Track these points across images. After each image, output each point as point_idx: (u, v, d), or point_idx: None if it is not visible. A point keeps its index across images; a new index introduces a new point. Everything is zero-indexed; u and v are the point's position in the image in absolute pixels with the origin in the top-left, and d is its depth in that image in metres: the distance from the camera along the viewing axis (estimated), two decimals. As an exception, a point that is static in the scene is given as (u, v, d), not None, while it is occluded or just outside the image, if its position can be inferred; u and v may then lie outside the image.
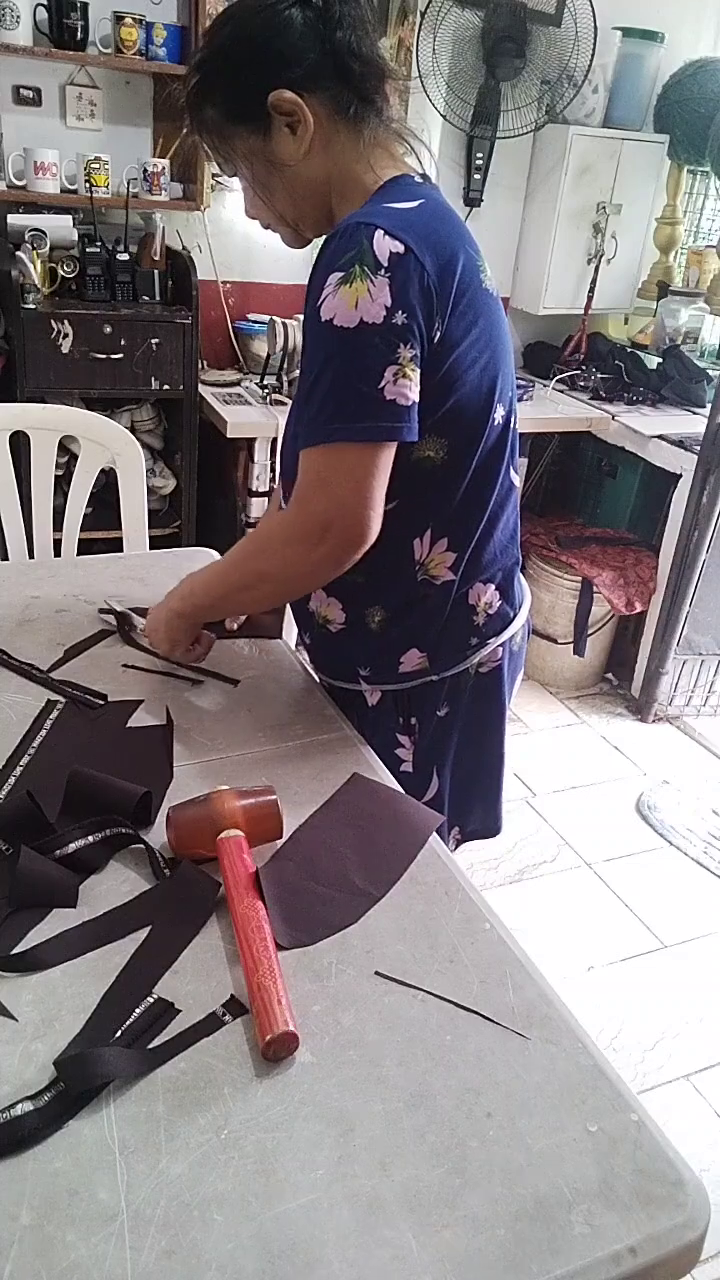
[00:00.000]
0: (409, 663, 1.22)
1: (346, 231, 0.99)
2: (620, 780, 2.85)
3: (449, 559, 1.17)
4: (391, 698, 1.25)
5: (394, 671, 1.23)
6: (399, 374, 0.99)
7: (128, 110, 2.77)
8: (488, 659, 1.25)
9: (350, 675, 1.26)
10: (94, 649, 1.31)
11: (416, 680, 1.23)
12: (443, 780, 1.29)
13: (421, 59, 2.92)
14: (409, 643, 1.21)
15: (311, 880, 0.94)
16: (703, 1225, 0.68)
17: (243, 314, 3.08)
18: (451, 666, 1.23)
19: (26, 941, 0.84)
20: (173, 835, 0.95)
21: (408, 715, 1.26)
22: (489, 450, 1.14)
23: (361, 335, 0.98)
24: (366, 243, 0.97)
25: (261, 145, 1.07)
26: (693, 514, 2.87)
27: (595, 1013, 2.04)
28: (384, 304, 0.97)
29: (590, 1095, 0.75)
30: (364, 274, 0.97)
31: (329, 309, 0.98)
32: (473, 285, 1.06)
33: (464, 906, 0.93)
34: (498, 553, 1.23)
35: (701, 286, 3.44)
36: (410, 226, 1.00)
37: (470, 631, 1.23)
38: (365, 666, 1.24)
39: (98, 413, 1.99)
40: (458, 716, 1.27)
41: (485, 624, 1.24)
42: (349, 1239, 0.64)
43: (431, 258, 1.00)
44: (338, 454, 1.02)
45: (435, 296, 1.01)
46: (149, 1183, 0.66)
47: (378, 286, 0.97)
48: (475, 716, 1.29)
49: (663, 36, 3.17)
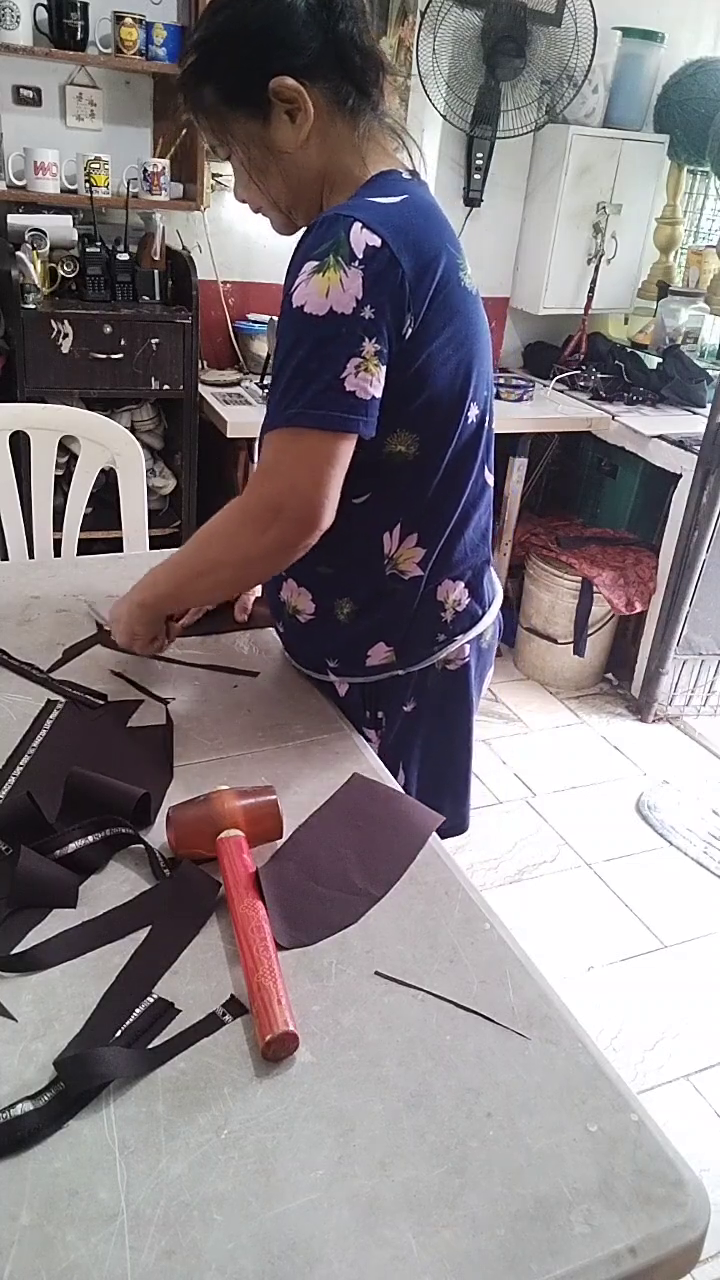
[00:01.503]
0: (376, 656, 1.23)
1: (326, 222, 1.01)
2: (620, 780, 2.85)
3: (418, 554, 1.18)
4: (359, 690, 1.27)
5: (361, 664, 1.24)
6: (360, 367, 1.00)
7: (128, 110, 2.77)
8: (455, 656, 1.26)
9: (320, 665, 1.28)
10: (94, 649, 1.31)
11: (383, 674, 1.24)
12: (409, 775, 1.30)
13: (421, 59, 2.92)
14: (376, 636, 1.22)
15: (311, 880, 0.94)
16: (703, 1225, 0.68)
17: (243, 314, 3.08)
18: (418, 662, 1.24)
19: (26, 941, 0.84)
20: (173, 835, 0.95)
21: (374, 709, 1.27)
22: (461, 448, 1.15)
23: (328, 324, 0.99)
24: (344, 234, 0.98)
25: (259, 130, 1.07)
26: (693, 514, 2.87)
27: (595, 1013, 2.04)
28: (354, 296, 0.98)
29: (590, 1095, 0.75)
30: (338, 264, 0.98)
31: (301, 295, 1.00)
32: (450, 283, 1.07)
33: (464, 906, 0.93)
34: (468, 551, 1.23)
35: (701, 286, 3.44)
36: (389, 221, 1.01)
37: (438, 628, 1.23)
38: (334, 658, 1.26)
39: (98, 413, 1.99)
40: (424, 712, 1.28)
41: (453, 621, 1.24)
42: (349, 1239, 0.64)
43: (409, 254, 1.01)
44: (294, 437, 1.03)
45: (409, 293, 1.01)
46: (149, 1183, 0.66)
47: (350, 278, 0.98)
48: (442, 713, 1.29)
49: (663, 36, 3.17)
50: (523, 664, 3.37)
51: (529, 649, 3.32)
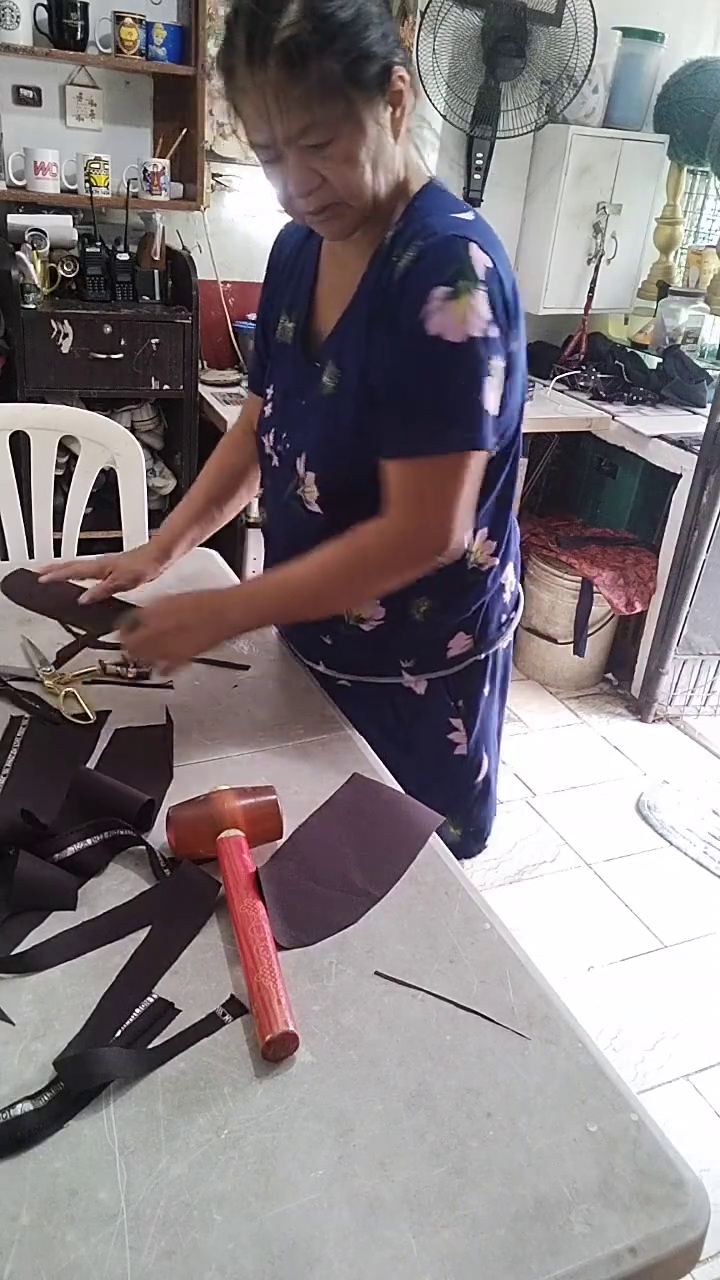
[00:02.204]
0: (457, 646, 1.25)
1: (442, 245, 1.00)
2: (620, 780, 2.85)
3: (491, 546, 1.23)
4: (440, 684, 1.27)
5: (442, 658, 1.26)
6: (492, 385, 1.03)
7: (128, 110, 2.77)
8: (512, 635, 1.33)
9: (390, 669, 1.26)
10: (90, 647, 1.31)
11: (465, 662, 1.27)
12: (490, 758, 1.35)
13: (421, 59, 2.92)
14: (456, 628, 1.24)
15: (311, 880, 0.94)
16: (703, 1225, 0.68)
17: (243, 314, 3.08)
18: (493, 644, 1.29)
19: (26, 942, 0.84)
20: (173, 835, 0.95)
21: (456, 699, 1.29)
22: (516, 445, 1.19)
23: (467, 350, 1.00)
24: (466, 256, 0.99)
25: (380, 115, 0.99)
26: (693, 514, 2.87)
27: (595, 1013, 2.04)
28: (485, 317, 1.00)
29: (590, 1095, 0.75)
30: (467, 289, 0.98)
31: (438, 325, 0.99)
32: (521, 300, 1.10)
33: (464, 906, 0.93)
34: (512, 534, 1.29)
35: (701, 286, 3.44)
36: (486, 240, 1.02)
37: (502, 609, 1.29)
38: (409, 658, 1.25)
39: (98, 413, 1.99)
40: (494, 695, 1.33)
41: (510, 601, 1.31)
42: (349, 1239, 0.64)
43: (507, 273, 1.04)
44: (445, 465, 1.05)
45: (511, 311, 1.04)
46: (149, 1183, 0.66)
47: (478, 300, 0.99)
48: (499, 692, 1.36)
49: (663, 36, 3.18)
50: (523, 664, 3.37)
51: (529, 649, 3.32)
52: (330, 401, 1.14)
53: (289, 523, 1.23)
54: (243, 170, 2.93)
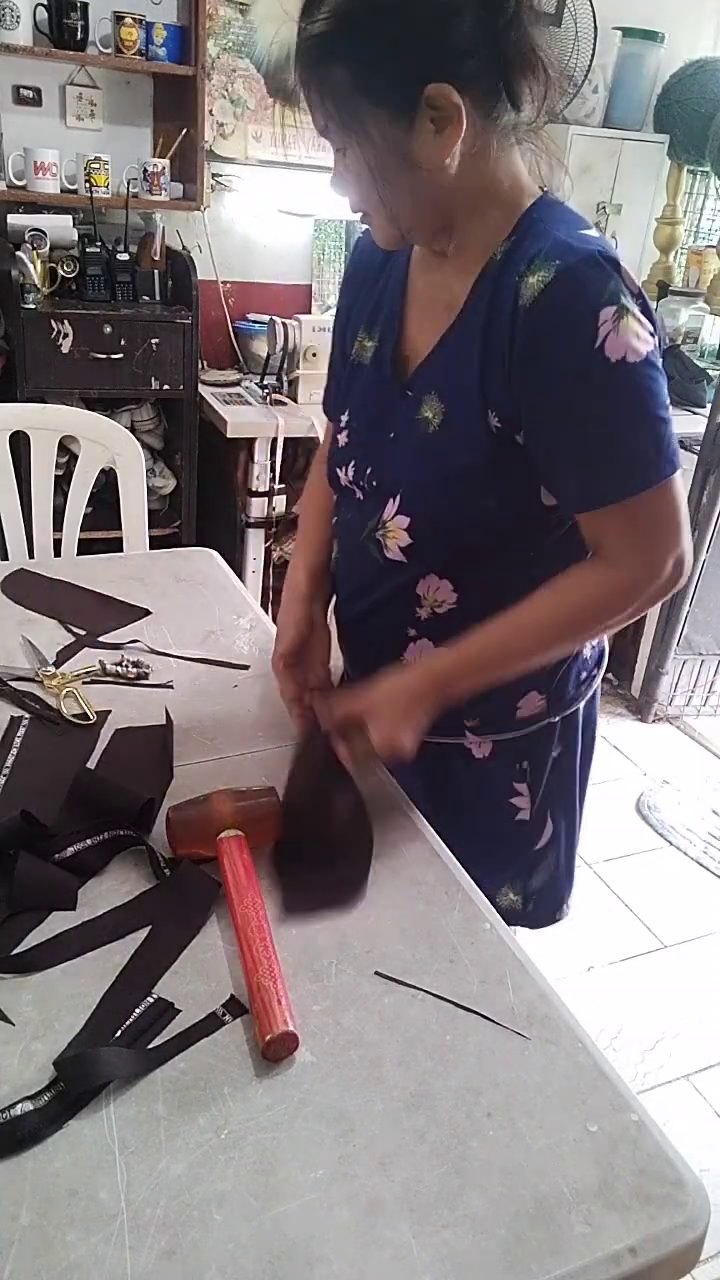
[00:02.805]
0: (527, 707, 1.12)
1: (590, 264, 0.91)
2: (620, 780, 2.85)
3: None
4: (507, 746, 1.14)
5: (510, 719, 1.12)
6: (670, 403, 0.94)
7: (128, 110, 2.77)
8: (590, 691, 1.18)
9: (453, 730, 1.12)
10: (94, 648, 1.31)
11: (536, 724, 1.13)
12: (558, 823, 1.21)
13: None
14: (528, 687, 1.10)
15: (315, 858, 0.95)
16: (703, 1225, 0.68)
17: (243, 314, 3.08)
18: (569, 705, 1.15)
19: (26, 942, 0.84)
20: (172, 835, 0.95)
21: (521, 761, 1.15)
22: None
23: (648, 367, 0.91)
24: (617, 274, 0.91)
25: (399, 136, 0.89)
26: (693, 514, 2.87)
27: (595, 1013, 2.04)
28: (649, 332, 0.91)
29: (590, 1095, 0.75)
30: (629, 308, 0.90)
31: (616, 348, 0.89)
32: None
33: (464, 906, 0.93)
34: None
35: (701, 286, 3.44)
36: (616, 259, 0.94)
37: (581, 666, 1.15)
38: (474, 717, 1.12)
39: (98, 413, 1.99)
40: (571, 756, 1.18)
41: (590, 655, 1.17)
42: (349, 1239, 0.64)
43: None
44: (664, 493, 0.94)
45: (654, 324, 0.95)
46: (149, 1183, 0.66)
47: (640, 316, 0.91)
48: (579, 751, 1.20)
49: (663, 36, 3.17)
50: (523, 664, 3.36)
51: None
52: (433, 440, 1.00)
53: (363, 565, 1.09)
54: (243, 170, 2.93)
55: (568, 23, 2.96)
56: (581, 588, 0.99)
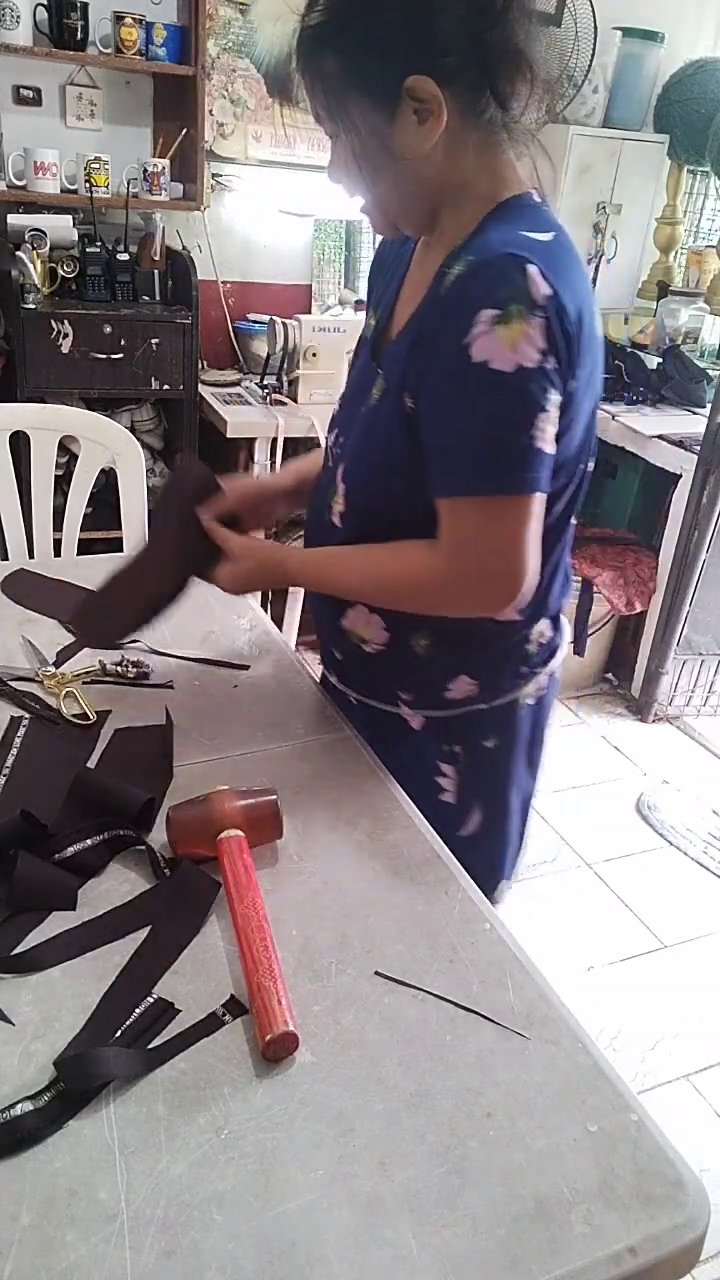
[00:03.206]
0: (457, 689, 1.14)
1: (497, 264, 0.91)
2: (620, 780, 2.85)
3: None
4: (436, 724, 1.17)
5: (440, 697, 1.15)
6: (547, 421, 0.93)
7: (128, 110, 2.77)
8: (535, 689, 1.20)
9: (389, 697, 1.18)
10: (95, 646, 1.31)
11: (465, 708, 1.16)
12: (485, 815, 1.23)
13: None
14: (458, 670, 1.14)
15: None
16: (703, 1225, 0.68)
17: (243, 314, 3.08)
18: (502, 695, 1.16)
19: (26, 942, 0.84)
20: (173, 835, 0.95)
21: (451, 743, 1.18)
22: (570, 498, 1.09)
23: (519, 380, 0.90)
24: (522, 280, 0.89)
25: (381, 125, 0.93)
26: (693, 514, 2.87)
27: (595, 1013, 2.04)
28: (539, 347, 0.90)
29: (590, 1095, 0.75)
30: (520, 314, 0.89)
31: (484, 350, 0.90)
32: (594, 334, 1.00)
33: (464, 906, 0.93)
34: (560, 592, 1.19)
35: (701, 286, 3.44)
36: (554, 266, 0.92)
37: (522, 659, 1.16)
38: (408, 690, 1.17)
39: (98, 413, 1.99)
40: (506, 749, 1.20)
41: (536, 653, 1.18)
42: (349, 1239, 0.64)
43: (572, 305, 0.93)
44: (496, 507, 0.96)
45: (575, 345, 0.94)
46: (149, 1183, 0.66)
47: (533, 328, 0.89)
48: (523, 749, 1.22)
49: (663, 36, 3.18)
50: (523, 664, 3.37)
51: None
52: (373, 413, 1.07)
53: (318, 526, 1.17)
54: (243, 170, 2.93)
55: (568, 23, 2.96)
56: (409, 559, 1.05)
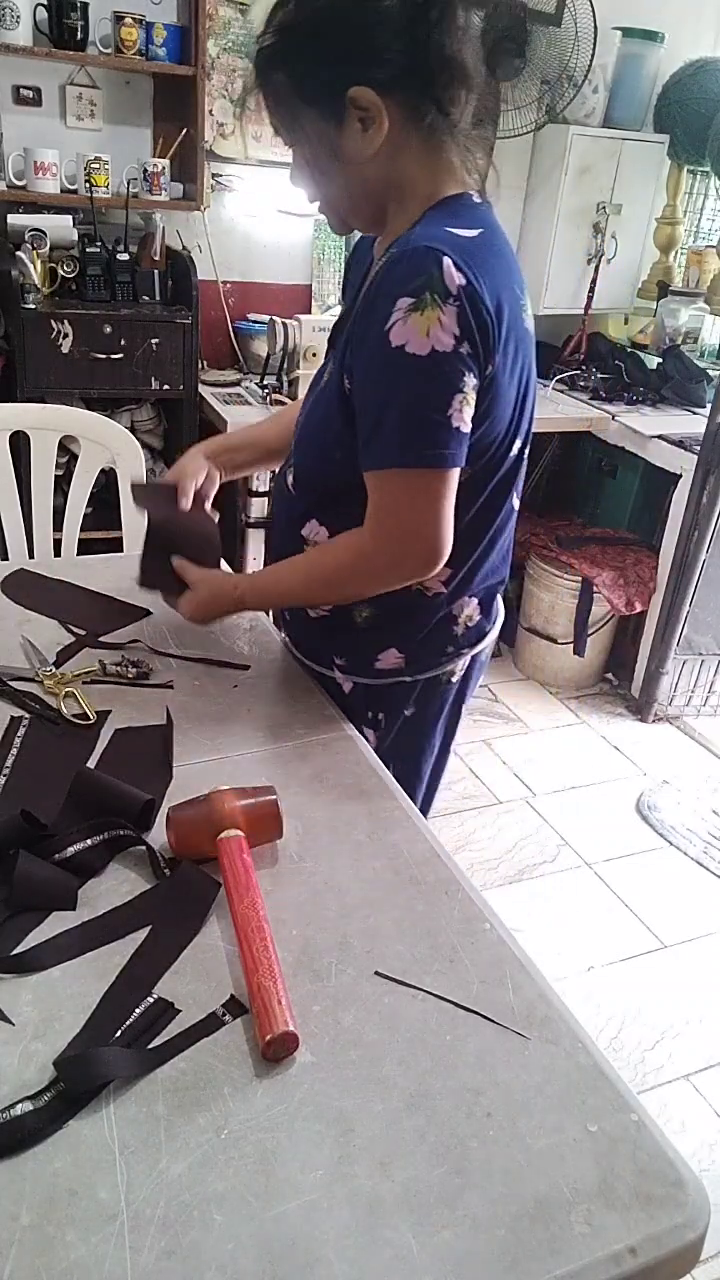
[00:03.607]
0: (386, 661, 1.25)
1: (414, 255, 0.98)
2: (620, 780, 2.85)
3: (444, 574, 1.19)
4: (363, 690, 1.28)
5: (369, 667, 1.26)
6: (463, 401, 1.02)
7: (128, 110, 2.77)
8: (458, 668, 1.29)
9: (325, 662, 1.29)
10: (98, 648, 1.31)
11: (390, 679, 1.26)
12: (398, 778, 1.27)
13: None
14: (389, 642, 1.24)
15: None
16: (703, 1225, 0.68)
17: (243, 314, 3.08)
18: (425, 670, 1.27)
19: (26, 942, 0.84)
20: (173, 835, 0.95)
21: (376, 710, 1.29)
22: (501, 478, 1.17)
23: (433, 363, 0.99)
24: (437, 270, 0.97)
25: (329, 132, 1.03)
26: (693, 514, 2.87)
27: (595, 1013, 2.04)
28: (453, 332, 0.98)
29: (590, 1095, 0.75)
30: (435, 302, 0.97)
31: (400, 335, 0.99)
32: (518, 325, 1.08)
33: (464, 906, 0.93)
34: (489, 572, 1.26)
35: (701, 286, 3.44)
36: (472, 259, 1.00)
37: (448, 640, 1.26)
38: (341, 656, 1.27)
39: (97, 413, 1.99)
40: (422, 720, 1.31)
41: (463, 635, 1.27)
42: (349, 1239, 0.64)
43: (490, 296, 1.01)
44: (414, 479, 1.05)
45: (492, 333, 1.01)
46: (149, 1183, 0.66)
47: (447, 315, 0.97)
48: (438, 722, 1.33)
49: (663, 36, 3.18)
50: (523, 664, 3.37)
51: (529, 649, 3.32)
52: (323, 393, 1.19)
53: (277, 494, 1.30)
54: (243, 170, 2.93)
55: (568, 23, 2.96)
56: (336, 548, 1.17)
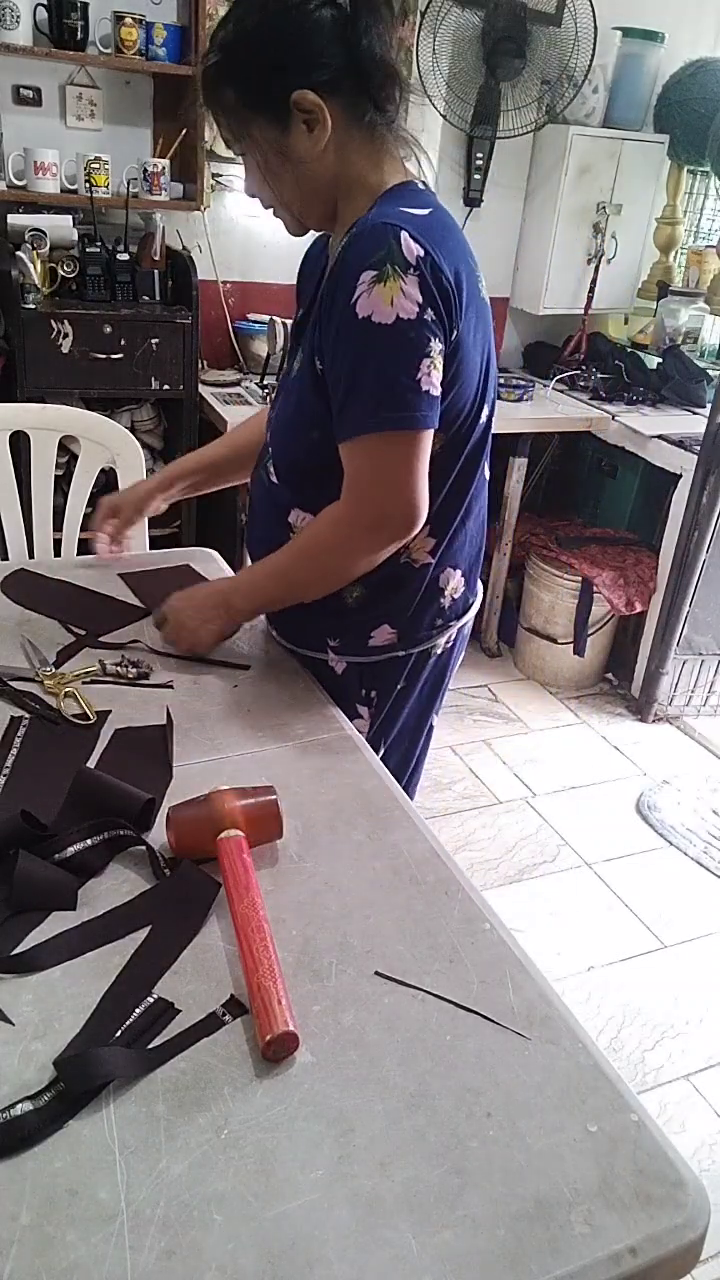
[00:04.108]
0: (379, 637, 1.29)
1: (373, 232, 1.04)
2: (620, 780, 2.85)
3: (429, 544, 1.25)
4: (357, 669, 1.32)
5: (364, 645, 1.30)
6: (431, 366, 1.07)
7: (128, 110, 2.77)
8: (444, 641, 1.34)
9: (318, 645, 1.32)
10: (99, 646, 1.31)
11: (384, 654, 1.31)
12: (390, 749, 1.39)
13: (421, 59, 2.92)
14: (382, 619, 1.28)
15: None
16: (703, 1225, 0.68)
17: (243, 314, 3.08)
18: (417, 644, 1.31)
19: (26, 942, 0.84)
20: (173, 835, 0.95)
21: (370, 688, 1.33)
22: (474, 445, 1.23)
23: (399, 330, 1.04)
24: (395, 243, 1.03)
25: (277, 137, 1.10)
26: (693, 514, 2.87)
27: (595, 1013, 2.04)
28: (416, 300, 1.04)
29: (590, 1095, 0.75)
30: (396, 273, 1.03)
31: (365, 306, 1.04)
32: (475, 293, 1.14)
33: (464, 906, 0.93)
34: (468, 541, 1.32)
35: (701, 286, 3.44)
36: (427, 233, 1.06)
37: (437, 613, 1.31)
38: (335, 638, 1.30)
39: (98, 413, 1.98)
40: (410, 693, 1.36)
41: (450, 607, 1.32)
42: (349, 1239, 0.64)
43: (448, 264, 1.07)
44: (388, 443, 1.10)
45: (453, 299, 1.07)
46: (149, 1183, 0.66)
47: (409, 284, 1.03)
48: (424, 694, 1.38)
49: (663, 36, 3.17)
50: (523, 664, 3.37)
51: (529, 649, 3.32)
52: (293, 383, 1.24)
53: (258, 488, 1.34)
54: (243, 170, 2.92)
55: (568, 23, 2.96)
56: (318, 523, 1.20)
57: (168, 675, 1.26)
